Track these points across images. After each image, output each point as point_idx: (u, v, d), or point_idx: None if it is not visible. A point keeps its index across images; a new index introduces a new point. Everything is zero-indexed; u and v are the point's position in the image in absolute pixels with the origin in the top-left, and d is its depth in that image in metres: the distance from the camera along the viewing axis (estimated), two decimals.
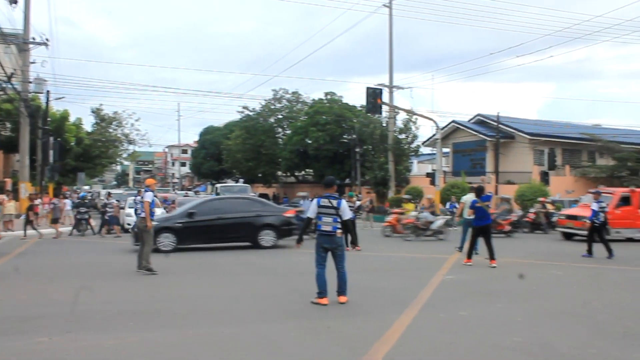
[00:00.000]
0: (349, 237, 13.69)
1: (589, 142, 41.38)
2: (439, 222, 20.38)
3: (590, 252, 15.27)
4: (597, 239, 15.41)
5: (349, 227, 8.72)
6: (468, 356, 5.92)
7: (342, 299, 8.44)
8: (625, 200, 20.83)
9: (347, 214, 8.44)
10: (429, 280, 10.67)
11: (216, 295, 9.48)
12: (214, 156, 65.97)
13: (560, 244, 19.46)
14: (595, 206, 15.44)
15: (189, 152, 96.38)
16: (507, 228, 22.28)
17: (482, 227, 13.36)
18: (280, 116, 53.26)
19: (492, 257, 13.08)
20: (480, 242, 13.65)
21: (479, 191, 13.77)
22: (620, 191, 21.75)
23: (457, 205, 23.39)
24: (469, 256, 13.35)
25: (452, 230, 21.21)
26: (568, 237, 21.15)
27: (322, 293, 8.36)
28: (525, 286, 10.50)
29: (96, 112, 47.25)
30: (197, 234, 16.15)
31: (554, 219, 23.67)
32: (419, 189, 35.08)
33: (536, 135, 40.50)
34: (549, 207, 25.42)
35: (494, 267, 12.82)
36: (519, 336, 6.70)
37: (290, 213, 17.68)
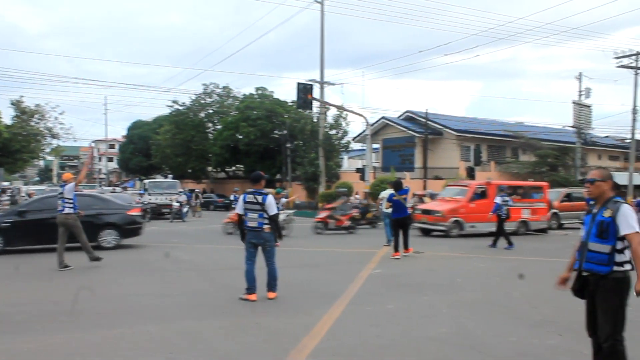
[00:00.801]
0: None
1: (513, 139, 42.90)
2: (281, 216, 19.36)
3: (509, 243, 15.96)
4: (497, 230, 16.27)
5: (277, 223, 8.68)
6: (394, 348, 6.03)
7: (271, 294, 8.42)
8: (481, 194, 20.64)
9: (272, 210, 8.40)
10: (357, 275, 10.79)
11: (142, 292, 9.24)
12: (143, 151, 64.33)
13: (467, 240, 19.28)
14: (498, 199, 16.51)
15: (117, 147, 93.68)
16: (347, 223, 21.32)
17: (400, 220, 13.89)
18: (210, 111, 52.63)
19: (406, 247, 13.93)
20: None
21: (397, 185, 14.35)
22: (475, 184, 21.50)
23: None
24: (396, 249, 13.68)
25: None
26: (426, 232, 20.69)
27: (251, 289, 8.32)
28: (451, 278, 10.79)
29: (16, 104, 45.21)
30: (27, 233, 14.59)
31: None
32: (349, 184, 35.42)
33: (463, 131, 41.64)
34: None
35: (407, 255, 13.77)
36: (444, 327, 6.87)
37: (135, 211, 16.45)
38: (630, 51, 36.88)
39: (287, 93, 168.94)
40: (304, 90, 29.25)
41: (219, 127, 50.11)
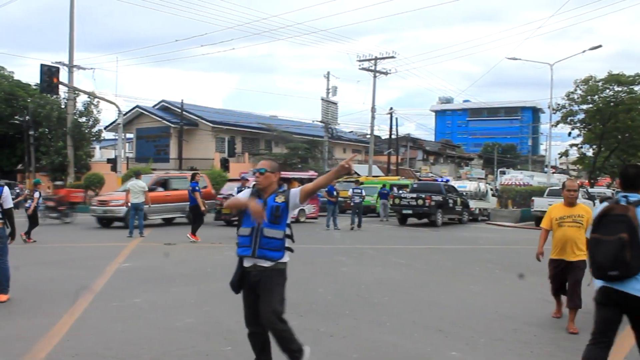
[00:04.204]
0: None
1: (267, 132, 44.60)
2: None
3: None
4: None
5: (12, 217, 7.88)
6: (139, 342, 5.91)
7: (2, 297, 7.65)
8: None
9: (8, 203, 7.66)
10: (104, 270, 10.35)
11: None
12: None
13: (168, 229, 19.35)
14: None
15: None
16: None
17: (191, 208, 16.42)
18: None
19: (193, 232, 15.59)
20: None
21: (192, 177, 16.73)
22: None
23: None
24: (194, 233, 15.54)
25: None
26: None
27: None
28: (201, 268, 10.90)
29: None
30: None
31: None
32: (100, 175, 33.70)
33: (219, 123, 42.16)
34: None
35: (194, 241, 15.21)
36: (191, 317, 6.93)
37: None
38: (370, 56, 40.67)
39: (31, 75, 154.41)
40: (49, 72, 26.84)
41: None
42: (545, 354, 5.76)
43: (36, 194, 15.71)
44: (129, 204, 16.63)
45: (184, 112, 38.99)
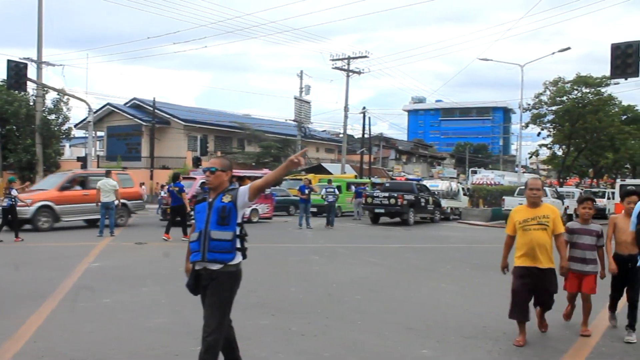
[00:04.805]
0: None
1: (239, 131, 44.42)
2: None
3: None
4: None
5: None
6: (109, 343, 5.84)
7: None
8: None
9: None
10: (73, 269, 10.20)
11: None
12: None
13: None
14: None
15: None
16: None
17: (174, 208, 16.16)
18: None
19: (167, 231, 15.61)
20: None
21: (175, 177, 16.67)
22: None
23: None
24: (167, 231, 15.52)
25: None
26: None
27: None
28: (172, 268, 10.77)
29: None
30: None
31: None
32: None
33: (191, 122, 41.86)
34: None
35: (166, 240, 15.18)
36: (162, 317, 6.88)
37: None
38: (344, 55, 40.75)
39: None
40: (16, 68, 26.33)
41: None
42: (513, 350, 5.84)
43: (13, 192, 15.45)
44: (99, 203, 16.42)
45: (156, 110, 38.61)
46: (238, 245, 4.33)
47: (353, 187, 29.32)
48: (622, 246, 6.50)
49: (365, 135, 46.78)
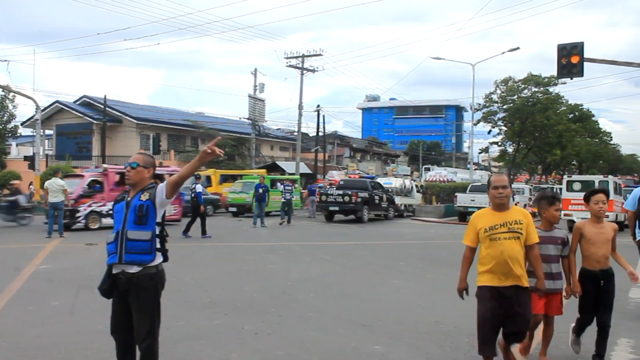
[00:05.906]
0: None
1: (193, 129, 43.93)
2: None
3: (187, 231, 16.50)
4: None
5: None
6: (56, 347, 5.69)
7: None
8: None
9: None
10: (20, 272, 9.91)
11: None
12: None
13: None
14: (281, 187, 19.17)
15: None
16: None
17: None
18: None
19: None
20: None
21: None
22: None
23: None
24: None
25: None
26: None
27: None
28: None
29: None
30: None
31: None
32: (17, 173, 32.24)
33: (143, 120, 41.22)
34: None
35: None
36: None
37: None
38: (298, 53, 40.71)
39: None
40: None
41: None
42: (464, 344, 5.93)
43: None
44: (48, 203, 16.01)
45: (107, 108, 37.82)
46: (158, 245, 4.14)
47: (278, 184, 28.04)
48: (591, 260, 5.26)
49: (320, 134, 46.89)
